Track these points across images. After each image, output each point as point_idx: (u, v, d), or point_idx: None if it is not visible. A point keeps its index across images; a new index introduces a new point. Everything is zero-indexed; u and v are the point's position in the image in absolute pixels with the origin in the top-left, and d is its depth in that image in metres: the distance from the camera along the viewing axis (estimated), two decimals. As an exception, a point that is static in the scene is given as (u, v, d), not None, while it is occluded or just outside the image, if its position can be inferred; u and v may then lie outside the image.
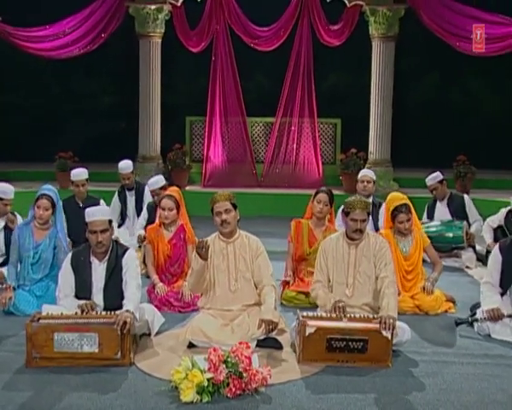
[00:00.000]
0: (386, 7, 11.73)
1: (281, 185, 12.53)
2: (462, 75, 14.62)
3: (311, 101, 12.48)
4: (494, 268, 5.71)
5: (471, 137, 13.53)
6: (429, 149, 13.59)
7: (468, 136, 13.56)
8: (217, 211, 5.33)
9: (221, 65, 12.39)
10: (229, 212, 5.32)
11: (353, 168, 11.82)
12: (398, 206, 6.28)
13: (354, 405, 4.14)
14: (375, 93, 12.06)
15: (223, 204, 5.31)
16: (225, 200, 5.33)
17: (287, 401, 4.18)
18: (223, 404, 4.13)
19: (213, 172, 12.61)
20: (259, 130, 13.02)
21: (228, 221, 5.32)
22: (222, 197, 5.35)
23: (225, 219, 5.31)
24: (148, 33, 12.00)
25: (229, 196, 5.39)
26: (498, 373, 4.70)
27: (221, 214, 5.31)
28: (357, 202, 5.28)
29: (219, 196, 5.36)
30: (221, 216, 5.31)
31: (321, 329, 4.71)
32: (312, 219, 6.68)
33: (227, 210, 5.32)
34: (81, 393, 4.28)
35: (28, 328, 4.67)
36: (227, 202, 5.33)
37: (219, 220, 5.32)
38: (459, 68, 13.95)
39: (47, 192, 6.19)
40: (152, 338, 5.25)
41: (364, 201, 5.34)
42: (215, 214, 5.35)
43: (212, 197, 5.42)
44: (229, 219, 5.32)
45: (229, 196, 5.39)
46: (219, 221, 5.32)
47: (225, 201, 5.33)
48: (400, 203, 6.31)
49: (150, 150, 12.20)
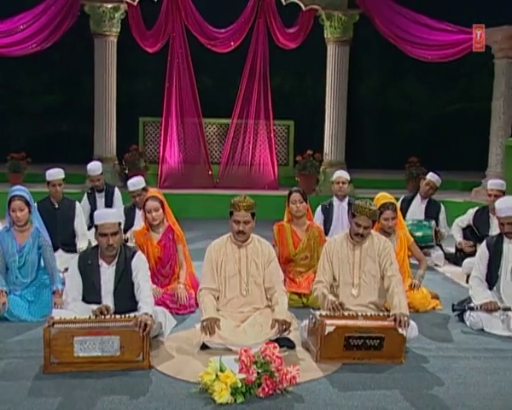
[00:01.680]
0: (341, 12, 12.00)
1: (236, 186, 12.58)
2: (414, 80, 15.12)
3: (267, 103, 12.63)
4: (481, 263, 6.03)
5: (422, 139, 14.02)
6: (382, 150, 13.98)
7: (419, 138, 14.04)
8: (236, 219, 5.29)
9: (177, 66, 12.37)
10: (247, 223, 5.31)
11: (310, 169, 12.04)
12: (385, 203, 6.47)
13: (384, 401, 4.27)
14: (329, 96, 12.32)
15: (243, 214, 5.27)
16: (247, 210, 5.29)
17: (318, 399, 4.28)
18: (257, 404, 4.18)
19: (169, 174, 12.56)
20: (215, 131, 13.07)
21: (244, 232, 5.31)
22: (244, 207, 5.28)
23: (242, 230, 5.29)
24: (104, 32, 11.83)
25: (252, 206, 5.33)
26: (506, 366, 4.93)
27: (239, 224, 5.28)
28: (366, 209, 5.34)
29: (242, 205, 5.29)
30: (239, 226, 5.28)
31: (340, 328, 4.82)
32: (293, 221, 6.79)
33: (246, 221, 5.30)
34: (111, 397, 4.25)
35: (46, 333, 4.58)
36: (248, 212, 5.30)
37: (236, 229, 5.29)
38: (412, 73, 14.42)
39: (18, 193, 6.01)
40: (163, 340, 5.23)
41: (373, 209, 5.42)
42: (233, 221, 5.30)
43: (234, 201, 5.33)
44: (246, 229, 5.32)
45: (251, 205, 5.33)
46: (236, 230, 5.30)
47: (247, 211, 5.29)
48: (387, 201, 6.50)
49: (106, 151, 12.03)
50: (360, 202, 5.42)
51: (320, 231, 6.85)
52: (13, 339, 5.27)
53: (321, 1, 12.03)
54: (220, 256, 5.39)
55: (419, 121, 15.06)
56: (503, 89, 11.59)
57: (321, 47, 12.35)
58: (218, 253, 5.40)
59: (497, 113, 11.67)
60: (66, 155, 12.93)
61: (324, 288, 5.40)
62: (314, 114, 12.81)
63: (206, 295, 5.30)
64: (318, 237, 6.73)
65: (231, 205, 5.36)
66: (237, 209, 5.30)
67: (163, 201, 6.50)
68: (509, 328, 5.67)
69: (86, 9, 11.82)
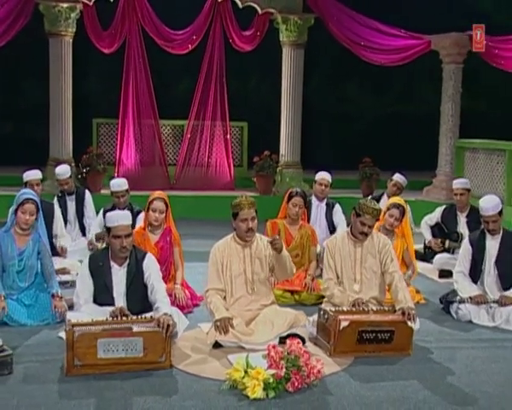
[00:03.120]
0: (297, 15, 12.24)
1: (193, 188, 12.64)
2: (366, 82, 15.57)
3: (223, 104, 12.74)
4: (465, 258, 6.37)
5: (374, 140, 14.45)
6: (336, 151, 14.32)
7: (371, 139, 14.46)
8: (243, 218, 5.33)
9: (134, 67, 12.30)
10: (254, 219, 5.37)
11: (268, 170, 12.23)
12: (396, 203, 6.78)
13: (406, 391, 4.47)
14: (285, 98, 12.54)
15: (249, 212, 5.32)
16: (251, 207, 5.35)
17: (345, 392, 4.44)
18: (288, 398, 4.30)
19: (126, 175, 12.35)
20: (172, 132, 13.07)
21: (253, 229, 5.38)
22: (248, 205, 5.33)
23: (252, 228, 5.35)
24: (60, 32, 11.63)
25: (254, 203, 5.40)
26: (504, 355, 5.25)
27: (247, 222, 5.32)
28: (370, 209, 5.52)
29: (245, 203, 5.33)
30: (248, 224, 5.32)
31: (354, 322, 5.01)
32: (287, 219, 6.96)
33: (253, 218, 5.36)
34: (144, 397, 4.28)
35: (69, 336, 4.57)
36: (253, 209, 5.36)
37: (245, 228, 5.33)
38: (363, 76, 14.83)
39: (32, 197, 5.96)
40: (175, 340, 5.27)
41: (377, 208, 5.62)
42: (240, 221, 5.34)
43: (236, 202, 5.37)
44: (255, 226, 5.39)
45: (253, 203, 5.39)
46: (245, 228, 5.33)
47: (251, 208, 5.35)
48: (398, 203, 6.79)
49: (63, 153, 11.83)
50: (364, 202, 5.62)
51: (312, 231, 7.04)
52: (21, 344, 5.20)
53: (277, 4, 12.23)
54: (225, 257, 5.46)
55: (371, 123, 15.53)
56: (451, 92, 12.11)
57: (276, 50, 12.55)
58: (223, 253, 5.47)
59: (446, 115, 12.19)
60: (16, 157, 12.65)
61: (337, 285, 5.58)
62: (269, 116, 13.00)
63: (214, 295, 5.37)
64: (311, 237, 6.93)
65: (234, 206, 5.39)
66: (242, 208, 5.34)
67: (168, 203, 6.55)
68: (494, 319, 6.01)
69: (41, 9, 11.60)
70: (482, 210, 6.24)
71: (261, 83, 15.10)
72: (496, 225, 6.24)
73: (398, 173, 9.05)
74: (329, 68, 15.47)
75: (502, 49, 11.52)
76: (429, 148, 12.87)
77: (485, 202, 6.26)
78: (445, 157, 12.24)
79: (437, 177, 12.40)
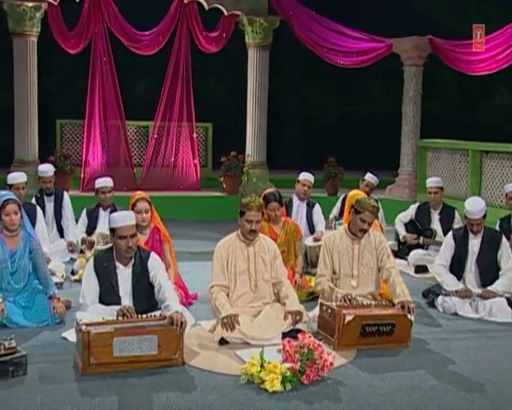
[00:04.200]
0: (262, 18, 12.40)
1: (159, 188, 12.64)
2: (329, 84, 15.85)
3: (190, 105, 12.79)
4: (447, 252, 6.66)
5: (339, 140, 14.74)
6: (301, 151, 14.54)
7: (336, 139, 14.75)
8: (248, 219, 5.51)
9: (100, 68, 12.22)
10: (258, 222, 5.58)
11: (235, 170, 12.36)
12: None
13: (415, 380, 4.68)
14: (251, 99, 12.68)
15: (256, 214, 5.52)
16: (258, 210, 5.55)
17: (357, 383, 4.62)
18: (305, 390, 4.45)
19: (92, 176, 12.33)
20: (136, 133, 13.04)
21: (256, 231, 5.58)
22: (256, 207, 5.53)
23: (254, 230, 5.54)
24: (25, 32, 11.48)
25: (262, 206, 5.63)
26: (495, 344, 5.53)
27: (252, 223, 5.51)
28: (370, 206, 5.73)
29: (254, 205, 5.52)
30: (252, 225, 5.51)
31: (358, 316, 5.20)
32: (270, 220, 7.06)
33: (258, 221, 5.56)
34: (165, 393, 4.36)
35: (85, 335, 4.60)
36: (260, 213, 5.57)
37: (249, 228, 5.52)
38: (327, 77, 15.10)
39: (11, 197, 5.93)
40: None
41: (376, 206, 5.84)
42: (245, 220, 5.52)
43: (246, 201, 5.57)
44: (258, 229, 5.59)
45: (261, 205, 5.62)
46: (248, 229, 5.52)
47: (259, 211, 5.55)
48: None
49: (28, 154, 11.68)
50: (363, 199, 5.82)
51: (296, 226, 7.19)
52: (26, 345, 5.17)
53: (243, 6, 12.37)
54: (230, 254, 5.60)
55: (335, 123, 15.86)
56: (412, 94, 12.48)
57: (242, 51, 12.69)
58: (228, 250, 5.62)
59: (408, 116, 12.57)
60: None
61: (328, 281, 5.76)
62: (234, 117, 13.13)
63: (219, 292, 5.48)
64: (295, 232, 7.07)
65: (243, 205, 5.58)
66: (249, 209, 5.53)
67: (150, 202, 6.60)
68: (477, 311, 6.30)
69: (5, 8, 11.42)
70: (469, 213, 6.49)
71: (226, 84, 15.23)
72: (480, 227, 6.53)
73: (369, 173, 9.28)
74: (294, 70, 15.71)
75: (463, 54, 11.92)
76: (391, 148, 13.22)
77: (472, 205, 6.50)
78: (407, 157, 12.61)
79: (399, 176, 12.75)
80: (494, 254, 6.53)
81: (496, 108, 17.96)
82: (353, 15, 13.39)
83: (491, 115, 17.68)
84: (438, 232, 8.40)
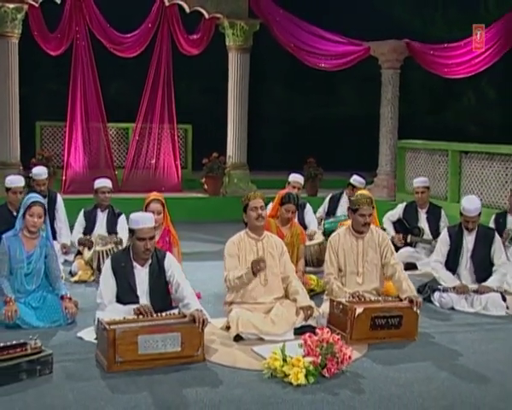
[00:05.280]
0: (243, 21, 12.54)
1: (140, 190, 12.66)
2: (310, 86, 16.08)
3: (171, 107, 12.88)
4: (443, 248, 6.93)
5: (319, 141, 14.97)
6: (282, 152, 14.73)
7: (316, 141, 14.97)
8: (253, 206, 5.76)
9: (82, 69, 12.22)
10: (263, 208, 5.83)
11: (217, 172, 12.49)
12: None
13: (428, 371, 4.89)
14: (231, 101, 12.81)
15: (259, 201, 5.80)
16: (260, 198, 5.84)
17: (375, 374, 4.81)
18: (327, 383, 4.61)
19: (74, 179, 12.40)
20: (118, 135, 13.06)
21: (263, 216, 5.79)
22: (257, 195, 5.84)
23: (261, 214, 5.76)
24: (6, 33, 11.42)
25: (263, 196, 5.90)
26: (495, 336, 5.78)
27: (257, 209, 5.76)
28: (364, 199, 6.00)
29: (255, 194, 5.87)
30: (257, 211, 5.76)
31: (368, 309, 5.41)
32: (278, 219, 7.23)
33: (262, 207, 5.81)
34: (194, 389, 4.48)
35: (111, 333, 4.70)
36: (261, 200, 5.83)
37: (256, 215, 5.75)
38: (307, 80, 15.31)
39: (38, 199, 6.06)
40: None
41: (370, 197, 6.09)
42: (251, 210, 5.77)
43: (246, 196, 5.90)
44: (264, 214, 5.81)
45: (262, 195, 5.91)
46: (256, 215, 5.74)
47: (260, 198, 5.83)
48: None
49: (10, 157, 11.62)
50: (356, 197, 6.10)
51: (301, 230, 7.36)
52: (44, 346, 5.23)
53: (223, 10, 12.49)
54: (240, 250, 5.78)
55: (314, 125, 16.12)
56: (390, 96, 12.78)
57: (222, 53, 12.81)
58: (238, 246, 5.79)
59: (386, 118, 12.85)
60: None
61: (336, 280, 5.95)
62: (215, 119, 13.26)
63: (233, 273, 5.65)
64: (300, 235, 7.24)
65: (245, 198, 5.87)
66: (253, 198, 5.81)
67: (164, 204, 6.69)
68: (473, 306, 6.56)
69: (-14, 9, 11.35)
70: (465, 211, 6.76)
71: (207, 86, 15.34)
72: (475, 224, 6.80)
73: (355, 175, 9.49)
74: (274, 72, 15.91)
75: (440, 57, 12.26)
76: (370, 148, 13.51)
77: (469, 203, 6.78)
78: (385, 157, 12.90)
79: (378, 176, 13.03)
80: (488, 250, 6.80)
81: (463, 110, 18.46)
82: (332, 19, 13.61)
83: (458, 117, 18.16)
84: (425, 230, 8.67)
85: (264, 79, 15.90)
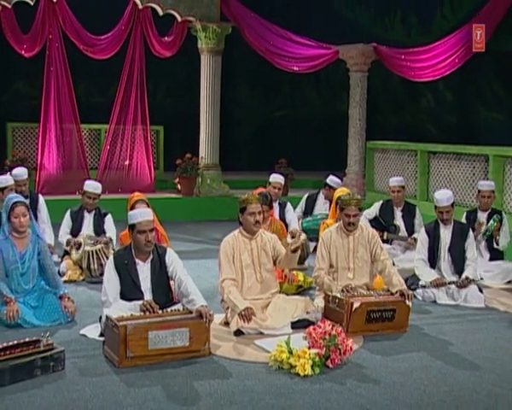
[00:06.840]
0: (215, 24, 12.71)
1: (114, 190, 12.74)
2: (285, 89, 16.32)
3: (144, 109, 12.97)
4: (423, 247, 7.24)
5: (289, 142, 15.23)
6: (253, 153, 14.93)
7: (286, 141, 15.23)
8: (251, 211, 5.85)
9: (55, 71, 12.22)
10: (260, 213, 5.93)
11: (191, 172, 12.63)
12: None
13: (424, 360, 5.15)
14: (204, 102, 12.96)
15: (257, 206, 5.87)
16: (258, 202, 5.91)
17: (376, 364, 5.05)
18: (332, 373, 4.84)
19: (47, 180, 12.38)
20: (90, 136, 13.08)
21: (260, 222, 5.92)
22: (255, 199, 5.89)
23: (259, 220, 5.89)
24: (-21, 35, 11.38)
25: (259, 199, 5.97)
26: (480, 327, 6.10)
27: (255, 215, 5.86)
28: (352, 200, 6.24)
29: (254, 198, 5.89)
30: (255, 217, 5.86)
31: (364, 303, 5.66)
32: None
33: (260, 212, 5.91)
34: (206, 381, 4.65)
35: (122, 329, 4.83)
36: (259, 204, 5.92)
37: (253, 220, 5.86)
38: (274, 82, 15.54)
39: (19, 199, 6.10)
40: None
41: (358, 198, 6.34)
42: (249, 214, 5.85)
43: (245, 197, 5.91)
44: (261, 219, 5.94)
45: (259, 198, 5.98)
46: (253, 221, 5.86)
47: (258, 203, 5.91)
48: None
49: (-17, 158, 11.58)
50: (345, 197, 6.31)
51: (281, 225, 7.57)
52: (49, 343, 5.34)
53: (196, 13, 12.64)
54: (235, 249, 5.93)
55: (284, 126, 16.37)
56: (359, 98, 13.13)
57: (195, 56, 12.96)
58: (232, 246, 5.94)
59: (354, 119, 13.21)
60: None
61: (326, 275, 6.19)
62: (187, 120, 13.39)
63: (231, 285, 5.77)
64: (281, 230, 7.45)
65: (242, 202, 5.92)
66: (250, 203, 5.88)
67: (148, 203, 6.81)
68: (453, 298, 6.88)
69: (-42, 11, 11.29)
70: (437, 202, 7.13)
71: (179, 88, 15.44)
72: (449, 215, 7.14)
73: (331, 176, 9.74)
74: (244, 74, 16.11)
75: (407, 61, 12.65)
76: (339, 149, 13.83)
77: (440, 194, 7.17)
78: (354, 157, 13.25)
79: (347, 175, 13.37)
80: (463, 243, 7.15)
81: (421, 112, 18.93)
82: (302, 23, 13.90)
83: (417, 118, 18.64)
84: (401, 228, 9.00)
85: (235, 81, 16.09)
